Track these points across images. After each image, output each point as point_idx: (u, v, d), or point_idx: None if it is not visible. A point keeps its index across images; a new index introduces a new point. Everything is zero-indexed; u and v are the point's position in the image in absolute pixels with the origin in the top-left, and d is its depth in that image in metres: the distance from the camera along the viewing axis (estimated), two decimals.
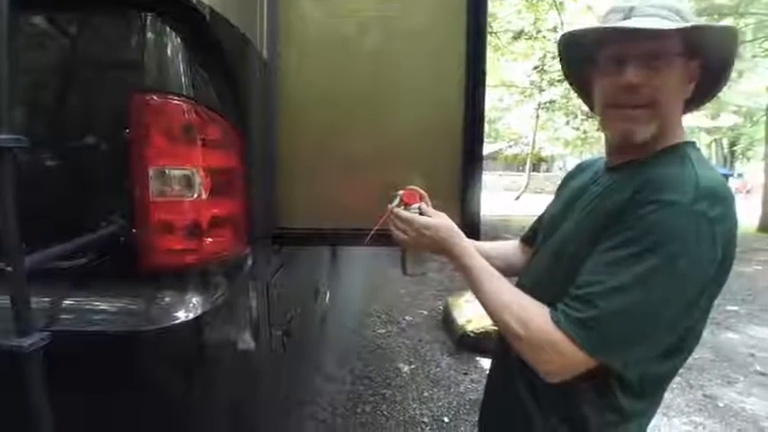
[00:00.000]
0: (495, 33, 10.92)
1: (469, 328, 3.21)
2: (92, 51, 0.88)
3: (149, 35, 0.82)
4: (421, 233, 0.84)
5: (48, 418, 0.69)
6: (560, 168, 32.00)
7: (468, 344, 3.17)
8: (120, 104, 0.83)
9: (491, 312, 0.74)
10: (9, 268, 0.68)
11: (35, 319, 0.73)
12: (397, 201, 0.90)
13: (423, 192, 0.91)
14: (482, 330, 3.12)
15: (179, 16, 0.83)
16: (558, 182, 1.04)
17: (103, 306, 0.87)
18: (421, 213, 0.88)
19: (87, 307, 0.87)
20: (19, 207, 0.67)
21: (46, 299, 0.84)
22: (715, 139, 24.28)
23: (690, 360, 0.77)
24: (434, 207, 0.92)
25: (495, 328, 0.77)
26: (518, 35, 10.77)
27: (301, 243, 1.30)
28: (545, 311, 0.68)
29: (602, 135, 0.81)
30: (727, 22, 9.95)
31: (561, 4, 10.33)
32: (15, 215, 0.65)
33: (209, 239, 0.91)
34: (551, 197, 0.99)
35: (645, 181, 0.66)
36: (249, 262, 1.04)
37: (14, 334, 0.69)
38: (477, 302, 0.80)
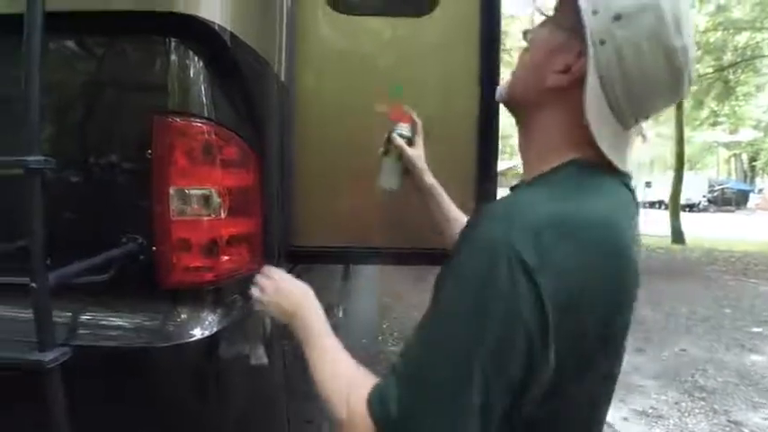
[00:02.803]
0: (509, 51, 11.00)
1: None
2: (116, 74, 0.92)
3: (172, 59, 0.85)
4: (279, 289, 0.80)
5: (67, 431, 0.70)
6: None
7: None
8: (144, 125, 0.86)
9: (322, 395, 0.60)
10: (33, 284, 0.70)
11: (56, 334, 0.74)
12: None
13: (415, 117, 0.96)
14: None
15: (201, 41, 0.86)
16: None
17: (121, 322, 0.89)
18: (408, 140, 0.99)
19: (104, 322, 0.89)
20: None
21: (64, 314, 0.86)
22: (734, 154, 23.86)
23: (713, 383, 0.74)
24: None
25: None
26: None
27: (315, 261, 1.31)
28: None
29: None
30: (744, 36, 9.88)
31: None
32: (42, 235, 0.68)
33: (226, 257, 0.92)
34: None
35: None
36: None
37: (35, 348, 0.70)
38: None
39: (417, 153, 1.05)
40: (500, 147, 1.36)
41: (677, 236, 9.84)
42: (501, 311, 0.46)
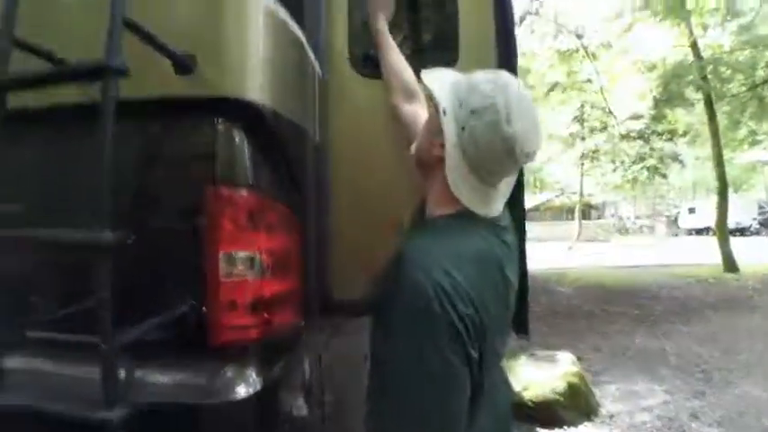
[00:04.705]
0: (531, 87, 11.15)
1: (527, 396, 2.96)
2: (172, 150, 1.01)
3: (221, 136, 0.95)
4: None
5: None
6: (612, 215, 30.70)
7: (527, 414, 2.90)
8: (196, 195, 0.94)
9: None
10: (103, 345, 0.77)
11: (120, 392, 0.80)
12: None
13: None
14: (542, 399, 2.91)
15: (246, 119, 0.96)
16: (611, 229, 1.07)
17: (170, 379, 0.94)
18: None
19: (155, 380, 0.94)
20: None
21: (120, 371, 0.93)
22: None
23: None
24: None
25: (558, 397, 0.82)
26: (552, 87, 10.94)
27: (351, 313, 1.35)
28: None
29: (652, 177, 0.89)
30: None
31: (594, 54, 10.47)
32: (111, 303, 0.75)
33: (270, 316, 0.97)
34: (605, 244, 1.02)
35: None
36: (304, 334, 1.10)
37: (97, 405, 0.76)
38: (534, 366, 0.90)
39: (376, 3, 1.22)
40: (530, 180, 1.40)
41: (729, 264, 9.21)
42: (445, 353, 0.68)
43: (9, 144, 0.83)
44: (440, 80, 0.84)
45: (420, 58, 1.39)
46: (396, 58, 1.20)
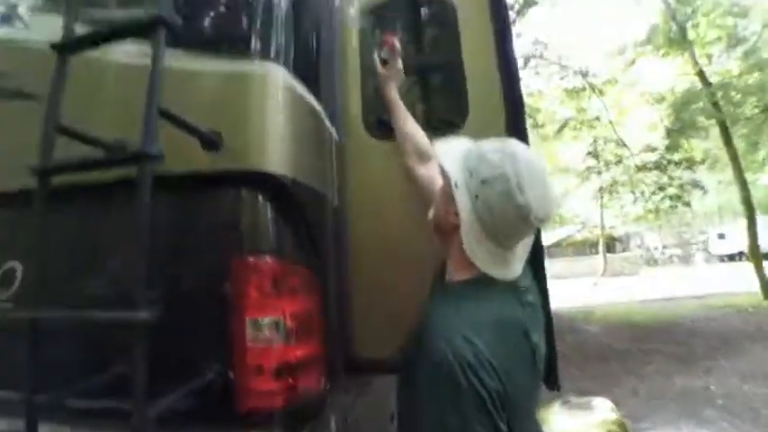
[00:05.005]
0: (542, 125, 11.30)
1: None
2: (201, 220, 1.07)
3: (246, 206, 1.01)
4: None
5: None
6: (638, 246, 29.84)
7: None
8: (222, 264, 0.99)
9: None
10: (136, 416, 0.79)
11: None
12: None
13: (396, 44, 1.31)
14: None
15: (270, 189, 1.01)
16: (638, 261, 1.07)
17: None
18: (383, 61, 1.34)
19: None
20: None
21: None
22: None
23: None
24: None
25: None
26: (564, 125, 11.07)
27: (374, 371, 1.34)
28: None
29: (675, 206, 0.92)
30: None
31: (601, 90, 10.62)
32: (145, 376, 0.78)
33: (294, 379, 0.98)
34: (632, 279, 1.01)
35: None
36: (329, 396, 1.10)
37: None
38: (569, 414, 0.92)
39: (387, 73, 1.32)
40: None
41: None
42: (473, 412, 0.69)
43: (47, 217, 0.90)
44: (451, 151, 0.89)
45: (430, 116, 1.46)
46: (408, 123, 1.26)
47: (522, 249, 0.88)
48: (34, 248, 0.92)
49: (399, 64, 1.33)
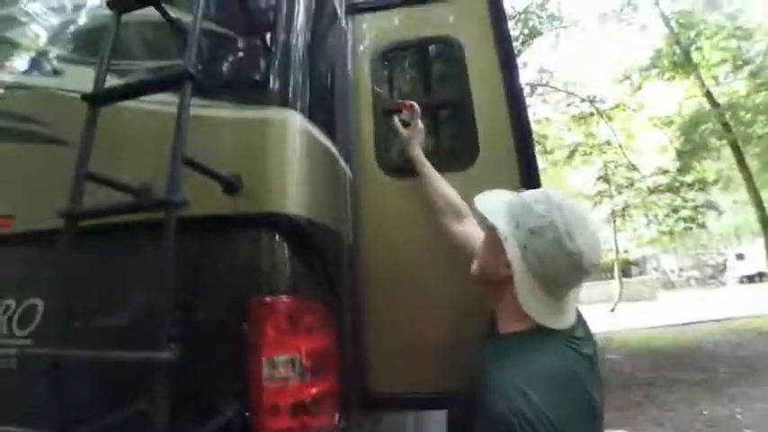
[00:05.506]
0: (551, 151, 11.34)
1: None
2: (220, 260, 1.10)
3: (264, 247, 1.04)
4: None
5: None
6: (655, 269, 29.20)
7: None
8: (241, 304, 1.01)
9: None
10: None
11: None
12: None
13: (416, 107, 1.36)
14: None
15: (286, 230, 1.05)
16: (655, 284, 1.08)
17: None
18: (404, 122, 1.40)
19: None
20: None
21: None
22: None
23: None
24: None
25: None
26: (573, 151, 11.11)
27: (389, 406, 1.34)
28: None
29: (690, 228, 0.94)
30: None
31: (609, 116, 10.68)
32: (167, 416, 0.79)
33: (310, 417, 0.99)
34: (652, 304, 1.02)
35: None
36: None
37: None
38: None
39: (410, 134, 1.36)
40: None
41: None
42: None
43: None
44: (492, 204, 0.90)
45: (442, 154, 1.50)
46: (439, 182, 1.28)
47: (574, 298, 0.89)
48: (57, 287, 0.95)
49: (419, 123, 1.36)
